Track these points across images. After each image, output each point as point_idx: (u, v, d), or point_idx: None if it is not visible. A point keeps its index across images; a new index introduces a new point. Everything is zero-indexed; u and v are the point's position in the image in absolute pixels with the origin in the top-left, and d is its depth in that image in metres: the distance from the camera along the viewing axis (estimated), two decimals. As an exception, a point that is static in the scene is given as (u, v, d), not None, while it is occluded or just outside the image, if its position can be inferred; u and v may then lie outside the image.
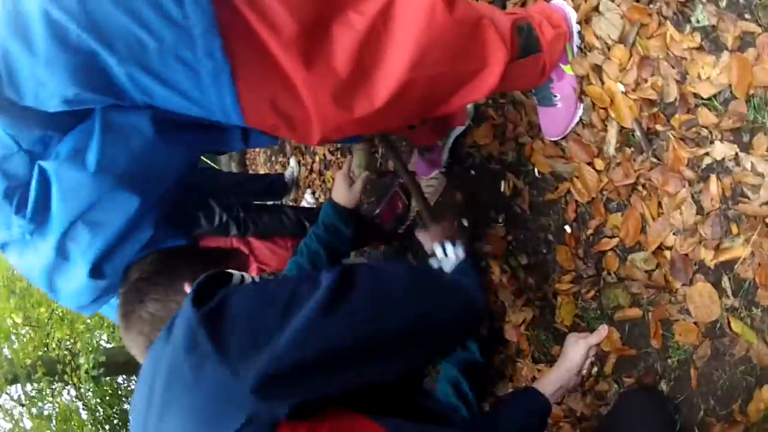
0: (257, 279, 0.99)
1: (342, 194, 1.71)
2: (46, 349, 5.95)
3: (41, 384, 5.46)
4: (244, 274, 0.96)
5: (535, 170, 1.82)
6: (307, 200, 3.15)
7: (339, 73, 1.09)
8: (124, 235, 1.17)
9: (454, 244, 1.38)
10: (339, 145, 3.03)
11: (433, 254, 1.42)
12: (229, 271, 0.94)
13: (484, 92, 1.35)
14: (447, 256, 1.35)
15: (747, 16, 1.30)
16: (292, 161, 3.42)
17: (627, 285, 1.66)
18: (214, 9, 0.94)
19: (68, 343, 5.91)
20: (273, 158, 4.14)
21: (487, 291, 1.91)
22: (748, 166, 1.36)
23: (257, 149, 4.60)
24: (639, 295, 1.65)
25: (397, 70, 1.14)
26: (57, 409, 5.97)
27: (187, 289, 1.08)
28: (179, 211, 1.42)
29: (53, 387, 6.01)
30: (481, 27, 1.28)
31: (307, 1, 1.06)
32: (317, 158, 3.26)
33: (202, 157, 5.57)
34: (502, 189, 1.94)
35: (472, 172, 2.05)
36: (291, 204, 3.30)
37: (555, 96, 1.66)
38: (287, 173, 3.36)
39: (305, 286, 0.84)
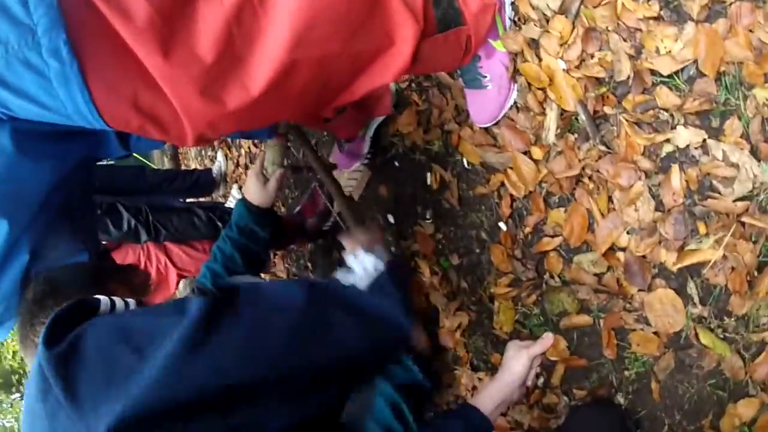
0: (132, 306, 0.82)
1: (255, 193, 1.41)
2: (0, 359, 5.74)
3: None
4: (116, 300, 0.80)
5: (464, 161, 1.44)
6: (234, 195, 2.75)
7: (203, 59, 0.83)
8: None
9: (373, 253, 1.00)
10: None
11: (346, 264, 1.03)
12: (97, 297, 0.78)
13: (393, 75, 1.01)
14: (365, 267, 0.96)
15: (717, -22, 0.94)
16: (219, 155, 3.02)
17: (573, 289, 1.33)
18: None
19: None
20: (203, 152, 3.66)
21: (412, 304, 1.54)
22: (719, 155, 1.02)
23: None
24: (588, 301, 1.32)
25: (275, 50, 0.85)
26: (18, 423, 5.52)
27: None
28: (81, 220, 1.22)
29: (12, 398, 5.64)
30: None
31: None
32: (242, 151, 2.81)
33: (136, 155, 5.14)
34: (428, 182, 1.56)
35: (396, 163, 1.65)
36: (215, 202, 2.86)
37: (484, 77, 1.27)
38: (215, 168, 2.98)
39: (169, 318, 0.70)
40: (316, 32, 0.85)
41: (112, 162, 2.91)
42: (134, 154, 4.72)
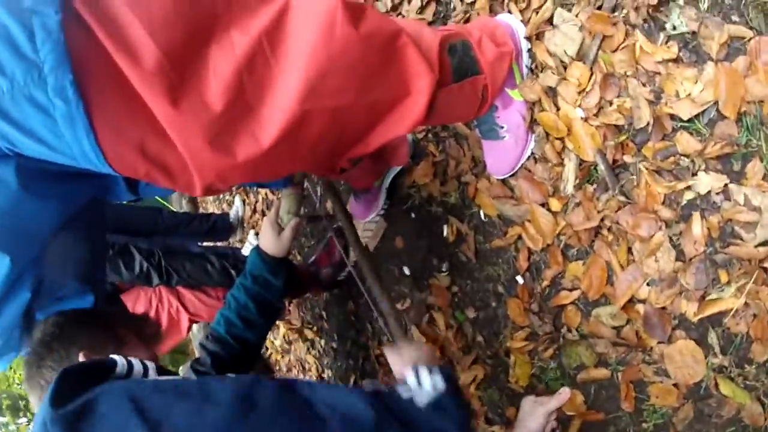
0: (150, 371, 0.79)
1: (269, 243, 1.39)
2: (8, 384, 5.62)
3: (6, 417, 5.26)
4: (134, 362, 0.77)
5: (481, 213, 1.43)
6: (250, 241, 2.74)
7: (212, 107, 0.81)
8: None
9: (431, 371, 0.93)
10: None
11: (403, 381, 0.98)
12: (113, 358, 0.75)
13: (408, 126, 0.99)
14: (421, 385, 0.90)
15: (734, 17, 0.95)
16: (237, 200, 3.03)
17: (591, 343, 1.28)
18: (66, 36, 0.71)
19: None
20: (222, 196, 3.70)
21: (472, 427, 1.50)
22: (741, 199, 0.99)
23: None
24: (606, 355, 1.27)
25: (287, 101, 0.83)
26: (24, 446, 5.51)
27: (81, 359, 0.93)
28: (90, 261, 1.19)
29: (18, 422, 5.63)
30: (398, 46, 0.93)
31: (175, 21, 0.78)
32: (260, 197, 2.83)
33: (156, 197, 5.22)
34: (445, 234, 1.53)
35: (413, 215, 1.64)
36: (231, 248, 2.86)
37: (501, 127, 1.27)
38: (232, 213, 2.99)
39: (192, 403, 0.65)
40: (329, 82, 0.83)
41: (131, 202, 2.93)
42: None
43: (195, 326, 2.17)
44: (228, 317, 1.36)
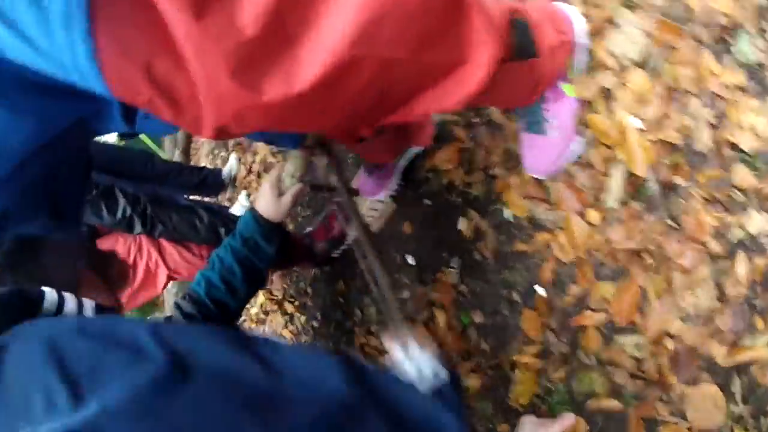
0: (87, 309, 0.70)
1: (267, 205, 1.30)
2: None
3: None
4: (66, 297, 0.68)
5: (506, 212, 1.30)
6: (241, 202, 2.62)
7: (242, 30, 0.66)
8: None
9: (429, 354, 0.83)
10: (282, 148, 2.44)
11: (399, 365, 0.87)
12: (42, 289, 0.66)
13: (459, 99, 0.87)
14: (421, 370, 0.79)
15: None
16: (232, 158, 2.91)
17: (608, 371, 1.21)
18: None
19: None
20: (215, 151, 3.53)
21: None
22: (791, 248, 0.89)
23: (201, 138, 3.95)
24: (622, 386, 1.19)
25: (335, 41, 0.70)
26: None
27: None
28: (68, 197, 1.04)
29: None
30: (464, 6, 0.81)
31: None
32: (258, 158, 2.68)
33: (146, 140, 5.01)
34: (460, 228, 1.41)
35: (427, 201, 1.51)
36: (220, 205, 2.72)
37: (548, 121, 1.15)
38: (225, 170, 2.87)
39: (122, 354, 0.55)
40: (384, 30, 0.71)
41: (122, 143, 2.78)
42: (145, 140, 4.60)
43: (171, 284, 2.03)
44: (210, 278, 1.27)
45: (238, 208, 2.57)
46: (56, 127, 0.85)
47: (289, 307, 2.20)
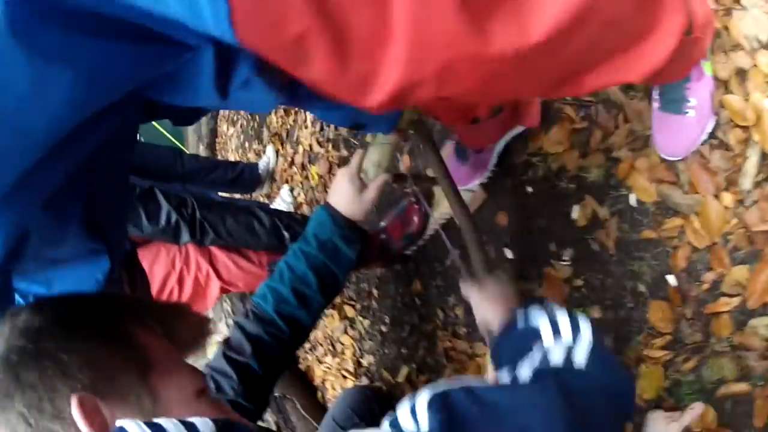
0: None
1: (347, 201, 1.32)
2: None
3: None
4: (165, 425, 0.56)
5: (632, 197, 1.45)
6: (283, 198, 2.74)
7: None
8: None
9: (566, 312, 0.92)
10: (332, 136, 2.57)
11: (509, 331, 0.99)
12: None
13: (643, 71, 0.95)
14: (559, 333, 0.84)
15: None
16: (270, 150, 3.01)
17: (739, 355, 1.35)
18: None
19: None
20: (246, 144, 3.64)
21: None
22: None
23: (229, 131, 4.03)
24: (751, 369, 1.33)
25: None
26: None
27: (75, 408, 0.61)
28: (112, 204, 0.90)
29: None
30: None
31: None
32: (301, 149, 2.81)
33: (166, 134, 5.07)
34: (573, 216, 1.56)
35: (529, 189, 1.66)
36: (263, 202, 2.83)
37: (687, 101, 1.31)
38: (262, 163, 2.96)
39: None
40: None
41: (141, 139, 2.88)
42: (169, 135, 4.64)
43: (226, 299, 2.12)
44: (278, 291, 1.28)
45: (279, 205, 2.69)
46: (103, 95, 0.63)
47: (349, 311, 2.33)
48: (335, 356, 2.44)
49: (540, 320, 0.88)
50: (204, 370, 1.27)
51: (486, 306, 1.13)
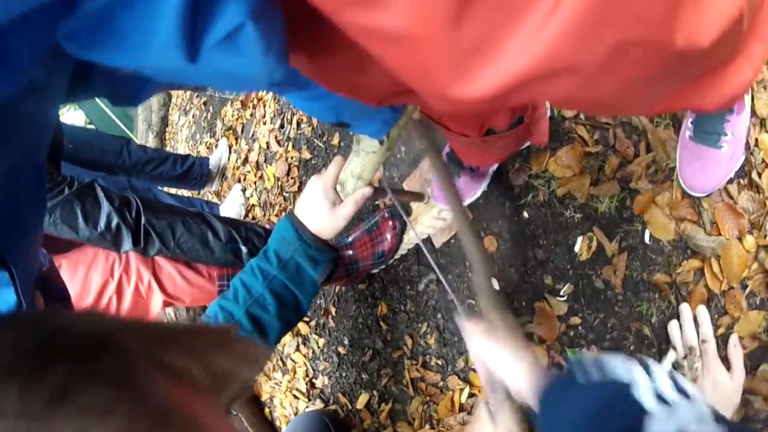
0: None
1: (318, 216, 1.16)
2: None
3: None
4: None
5: (646, 233, 1.32)
6: (233, 198, 2.51)
7: None
8: None
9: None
10: (292, 135, 2.35)
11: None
12: None
13: (723, 100, 0.83)
14: (660, 390, 0.71)
15: None
16: (222, 144, 2.80)
17: (749, 399, 1.23)
18: None
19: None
20: (198, 136, 3.36)
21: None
22: None
23: (181, 121, 3.70)
24: (757, 411, 1.23)
25: None
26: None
27: None
28: (13, 220, 0.65)
29: None
30: None
31: None
32: (257, 146, 2.58)
33: (115, 118, 4.67)
34: (576, 248, 1.41)
35: (525, 214, 1.51)
36: (214, 202, 2.58)
37: (724, 134, 1.19)
38: (213, 158, 2.75)
39: None
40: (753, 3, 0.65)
41: (91, 125, 2.60)
42: (117, 120, 4.23)
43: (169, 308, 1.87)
44: (231, 313, 1.12)
45: (229, 206, 2.46)
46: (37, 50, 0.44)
47: (303, 327, 2.12)
48: (285, 373, 2.22)
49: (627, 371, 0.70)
50: None
51: (492, 349, 0.94)
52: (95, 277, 1.66)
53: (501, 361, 0.91)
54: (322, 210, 1.15)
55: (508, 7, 0.44)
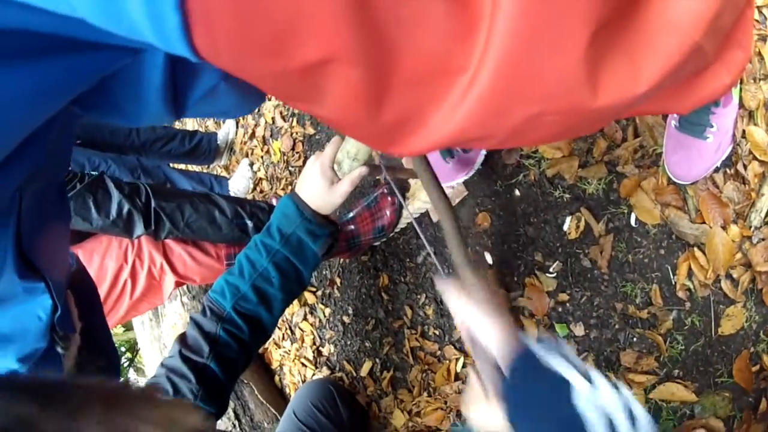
0: None
1: (317, 193, 1.21)
2: None
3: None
4: None
5: (632, 216, 1.34)
6: (242, 173, 2.53)
7: None
8: None
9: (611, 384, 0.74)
10: (297, 111, 2.37)
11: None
12: None
13: (695, 102, 0.81)
14: (595, 385, 0.71)
15: None
16: (230, 120, 2.75)
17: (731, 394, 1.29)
18: None
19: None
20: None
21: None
22: None
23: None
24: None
25: (692, 20, 0.57)
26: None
27: None
28: (44, 231, 0.71)
29: None
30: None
31: None
32: (263, 121, 2.60)
33: None
34: (565, 227, 1.44)
35: (517, 192, 1.53)
36: (223, 176, 2.60)
37: (710, 126, 1.19)
38: (221, 133, 2.77)
39: None
40: (724, 18, 0.61)
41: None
42: None
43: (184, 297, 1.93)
44: (237, 287, 1.19)
45: (237, 180, 2.50)
46: (63, 93, 0.49)
47: (310, 297, 2.19)
48: (293, 342, 2.30)
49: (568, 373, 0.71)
50: (159, 371, 1.18)
51: (469, 309, 0.96)
52: (110, 264, 1.74)
53: (477, 323, 0.94)
54: (321, 188, 1.19)
55: (431, 85, 0.47)
